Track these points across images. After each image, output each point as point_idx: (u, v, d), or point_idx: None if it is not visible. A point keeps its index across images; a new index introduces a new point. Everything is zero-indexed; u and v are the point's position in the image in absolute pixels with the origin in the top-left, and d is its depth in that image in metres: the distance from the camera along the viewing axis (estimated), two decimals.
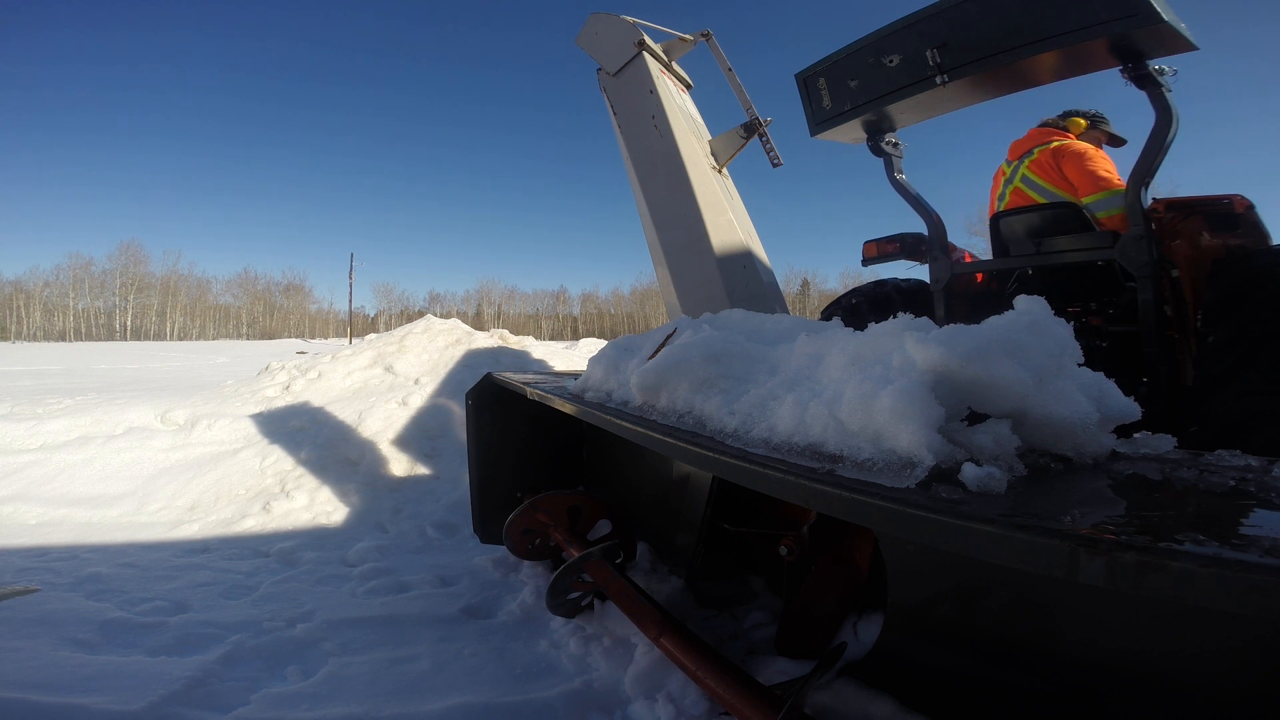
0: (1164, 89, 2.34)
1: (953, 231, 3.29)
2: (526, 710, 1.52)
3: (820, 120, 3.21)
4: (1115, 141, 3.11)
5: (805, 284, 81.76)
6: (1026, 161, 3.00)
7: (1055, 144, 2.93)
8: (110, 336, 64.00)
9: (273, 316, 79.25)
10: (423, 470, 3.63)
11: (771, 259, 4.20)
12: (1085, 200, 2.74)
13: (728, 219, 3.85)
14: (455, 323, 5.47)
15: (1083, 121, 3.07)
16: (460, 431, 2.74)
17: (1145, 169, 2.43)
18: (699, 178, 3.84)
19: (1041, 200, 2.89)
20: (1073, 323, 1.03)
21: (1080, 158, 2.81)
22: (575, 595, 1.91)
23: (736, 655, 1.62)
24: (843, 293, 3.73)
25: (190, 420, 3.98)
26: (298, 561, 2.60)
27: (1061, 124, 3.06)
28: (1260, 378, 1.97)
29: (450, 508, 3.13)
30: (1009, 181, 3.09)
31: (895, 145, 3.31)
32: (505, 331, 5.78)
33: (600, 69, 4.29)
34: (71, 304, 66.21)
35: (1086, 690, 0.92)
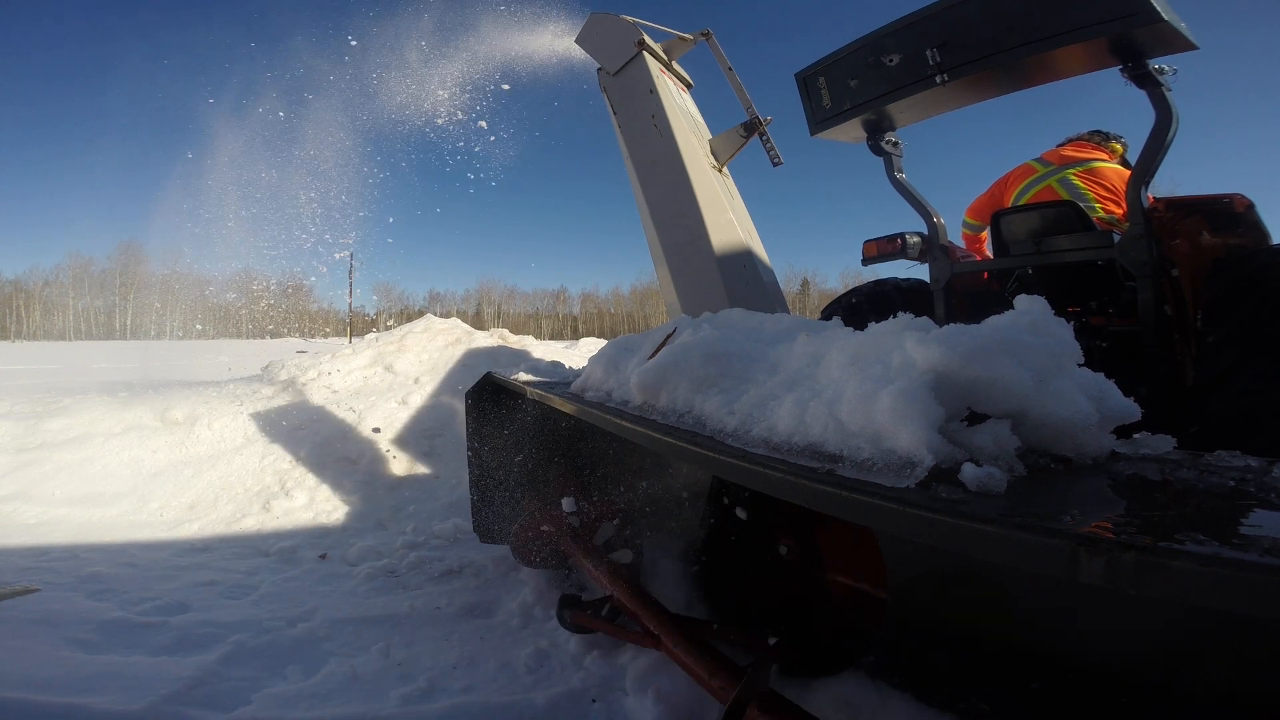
0: (1164, 88, 2.34)
1: (953, 231, 3.30)
2: (526, 710, 1.52)
3: (820, 119, 3.21)
4: (1126, 165, 3.15)
5: (805, 284, 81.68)
6: (1076, 170, 3.03)
7: (1099, 164, 3.00)
8: (110, 336, 63.95)
9: (273, 316, 79.11)
10: (423, 469, 3.63)
11: (771, 259, 4.20)
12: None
13: (728, 218, 3.85)
14: (455, 322, 5.46)
15: (1119, 147, 3.15)
16: (460, 430, 2.74)
17: (1145, 168, 2.43)
18: (699, 177, 3.84)
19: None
20: (1073, 322, 1.03)
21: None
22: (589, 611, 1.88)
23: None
24: (843, 292, 3.73)
25: (190, 419, 3.98)
26: (298, 560, 2.60)
27: (1105, 145, 3.13)
28: (1259, 378, 1.97)
29: (450, 506, 3.13)
30: (1038, 181, 3.10)
31: (895, 144, 3.31)
32: (505, 331, 5.78)
33: (600, 69, 4.29)
34: (71, 303, 66.20)
35: (1086, 688, 0.92)
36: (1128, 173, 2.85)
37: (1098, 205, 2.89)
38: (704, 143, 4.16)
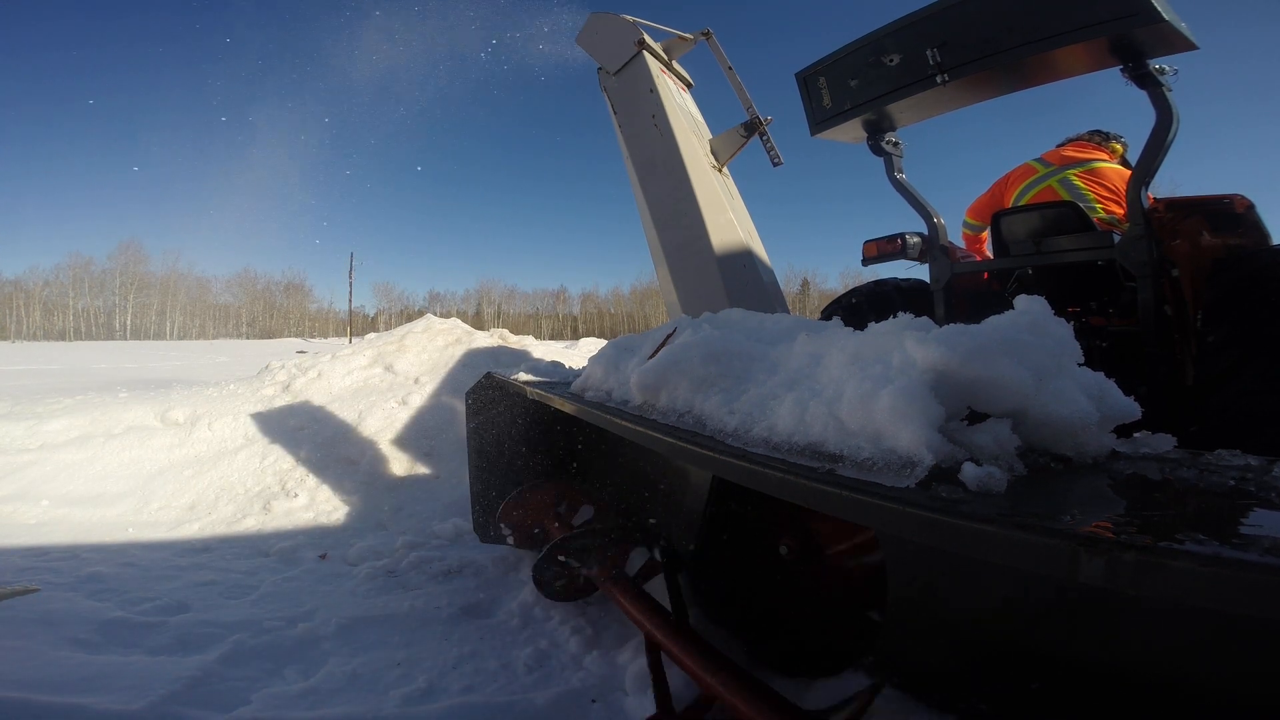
0: (1164, 88, 2.34)
1: (953, 231, 3.30)
2: (526, 710, 1.52)
3: (820, 119, 3.21)
4: (1126, 165, 3.15)
5: (805, 284, 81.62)
6: (1077, 170, 3.03)
7: (1099, 165, 3.00)
8: (110, 336, 63.93)
9: (273, 316, 79.14)
10: (423, 469, 3.63)
11: (771, 259, 4.21)
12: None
13: (728, 218, 3.85)
14: (455, 322, 5.46)
15: (1120, 147, 3.15)
16: (460, 430, 2.75)
17: (1145, 169, 2.43)
18: (699, 177, 3.84)
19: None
20: (1073, 322, 1.03)
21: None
22: (565, 580, 1.93)
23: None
24: (843, 292, 3.73)
25: (190, 419, 3.98)
26: (298, 561, 2.60)
27: (1106, 145, 3.14)
28: (1259, 377, 1.97)
29: (450, 506, 3.13)
30: (1038, 181, 3.11)
31: (895, 144, 3.31)
32: (505, 331, 5.77)
33: (600, 68, 4.29)
34: (71, 303, 66.18)
35: (1086, 688, 0.92)
36: (1128, 173, 2.84)
37: (1098, 205, 2.89)
38: (704, 143, 4.17)
